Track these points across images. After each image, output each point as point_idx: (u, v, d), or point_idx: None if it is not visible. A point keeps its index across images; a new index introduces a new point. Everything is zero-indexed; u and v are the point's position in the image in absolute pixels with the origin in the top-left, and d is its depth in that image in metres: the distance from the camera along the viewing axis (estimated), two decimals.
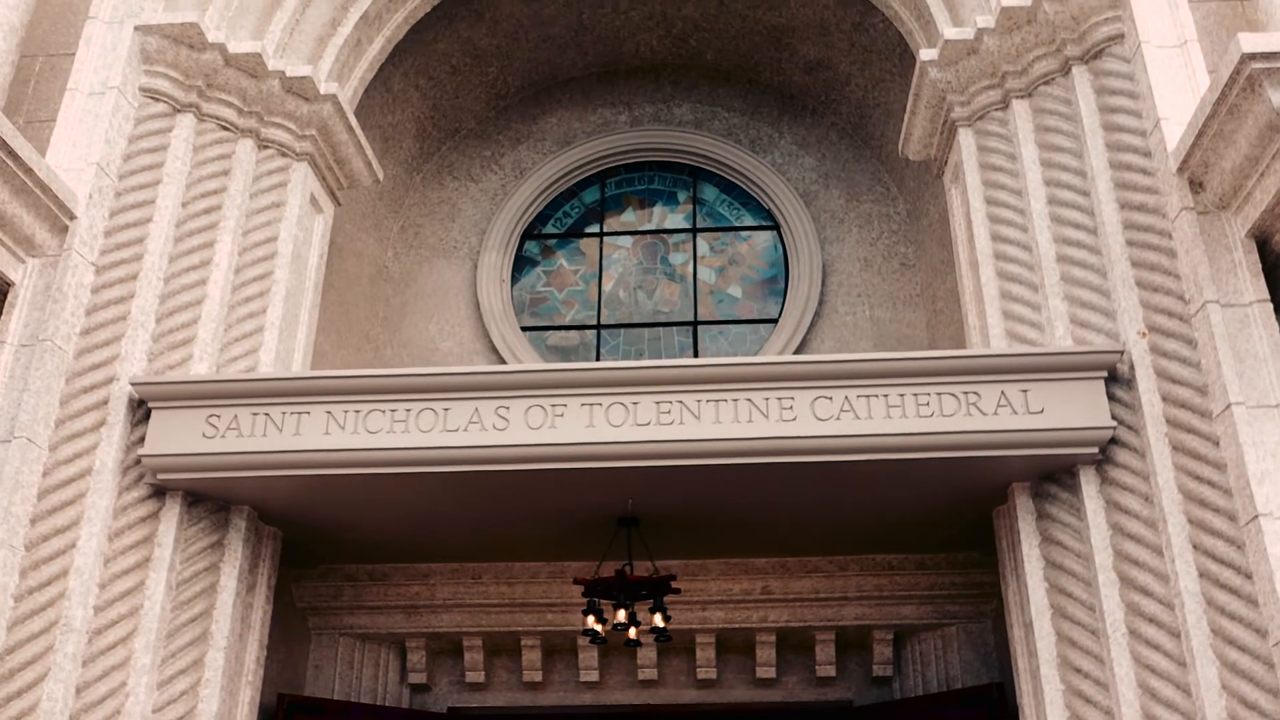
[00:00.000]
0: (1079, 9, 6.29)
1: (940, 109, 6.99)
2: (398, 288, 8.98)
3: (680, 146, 9.29)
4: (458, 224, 9.19)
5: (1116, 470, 5.49)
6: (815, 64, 9.22)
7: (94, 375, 5.85)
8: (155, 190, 6.41)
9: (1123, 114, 6.05)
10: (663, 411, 5.64)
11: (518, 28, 9.22)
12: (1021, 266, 6.21)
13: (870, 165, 9.17)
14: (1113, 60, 6.19)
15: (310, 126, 7.07)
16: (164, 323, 6.20)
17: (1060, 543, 5.57)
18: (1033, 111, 6.50)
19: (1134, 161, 5.91)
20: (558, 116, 9.58)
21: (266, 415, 5.78)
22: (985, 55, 6.61)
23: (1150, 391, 5.47)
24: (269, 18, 7.19)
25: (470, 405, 5.72)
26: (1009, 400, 5.55)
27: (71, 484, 5.61)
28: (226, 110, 6.82)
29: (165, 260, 6.33)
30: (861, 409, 5.57)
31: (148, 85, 6.59)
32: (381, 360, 8.70)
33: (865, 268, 8.75)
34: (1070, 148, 6.26)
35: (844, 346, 8.47)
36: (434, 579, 7.24)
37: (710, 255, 9.01)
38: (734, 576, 7.12)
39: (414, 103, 9.06)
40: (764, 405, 5.61)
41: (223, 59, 6.73)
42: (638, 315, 8.83)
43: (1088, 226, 6.03)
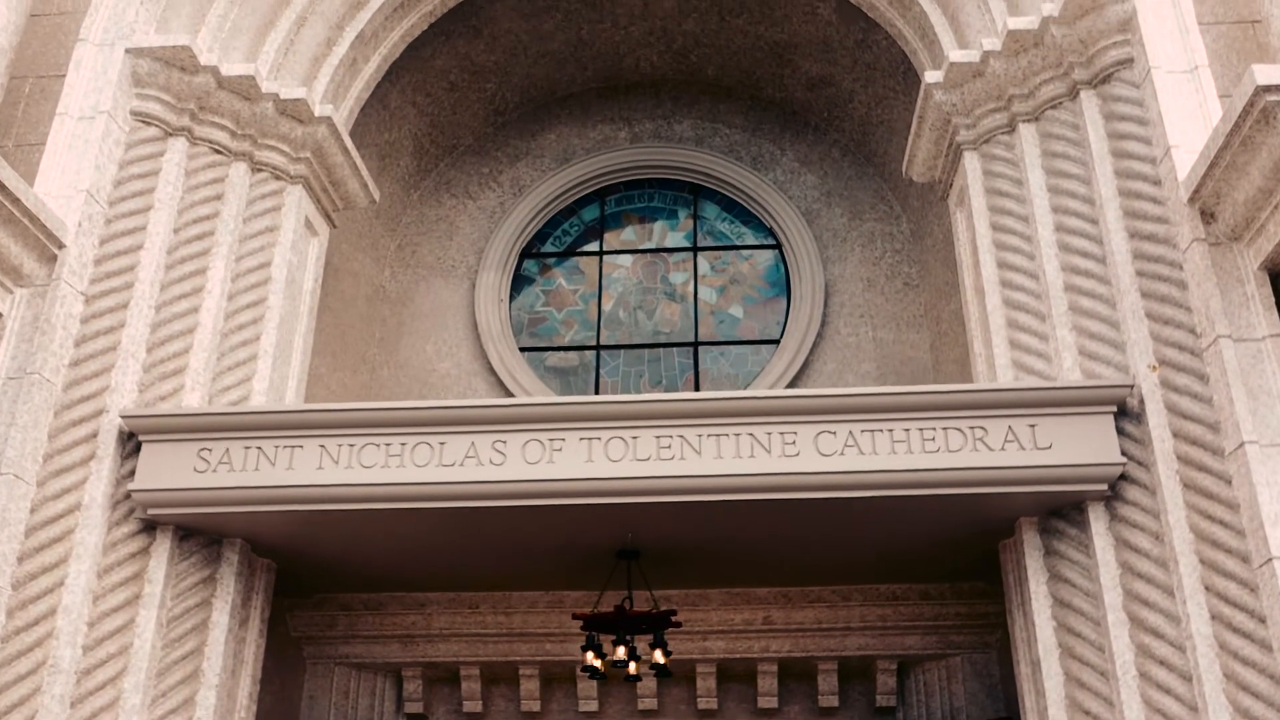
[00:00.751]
0: (1087, 33, 6.17)
1: (945, 131, 6.87)
2: (394, 308, 8.87)
3: (681, 164, 9.18)
4: (455, 242, 9.08)
5: (1126, 507, 5.37)
6: (817, 80, 9.10)
7: (83, 408, 5.74)
8: (146, 216, 6.30)
9: (1132, 140, 5.93)
10: (663, 446, 5.53)
11: (516, 44, 9.10)
12: (1028, 295, 6.10)
13: (873, 183, 9.06)
14: (1122, 85, 6.07)
15: (305, 149, 6.96)
16: (155, 352, 6.09)
17: (1069, 580, 5.46)
18: (1040, 136, 6.39)
19: (1143, 190, 5.80)
20: (557, 133, 9.46)
21: (259, 449, 5.67)
22: (991, 78, 6.50)
23: (1161, 427, 5.35)
24: (263, 38, 7.07)
25: (467, 439, 5.60)
26: (1016, 436, 5.43)
27: (60, 520, 5.51)
28: (219, 133, 6.70)
29: (156, 288, 6.21)
30: (866, 444, 5.46)
31: (139, 109, 6.47)
32: (378, 381, 8.59)
33: (868, 288, 8.64)
34: (1078, 174, 6.14)
35: (846, 368, 8.37)
36: (430, 608, 7.12)
37: (711, 274, 8.90)
38: (735, 606, 7.01)
39: (411, 120, 8.95)
40: (766, 440, 5.50)
41: (215, 81, 6.61)
42: (638, 335, 8.72)
43: (1096, 255, 5.92)
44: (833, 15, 8.59)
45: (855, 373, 8.33)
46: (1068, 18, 6.16)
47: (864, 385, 8.31)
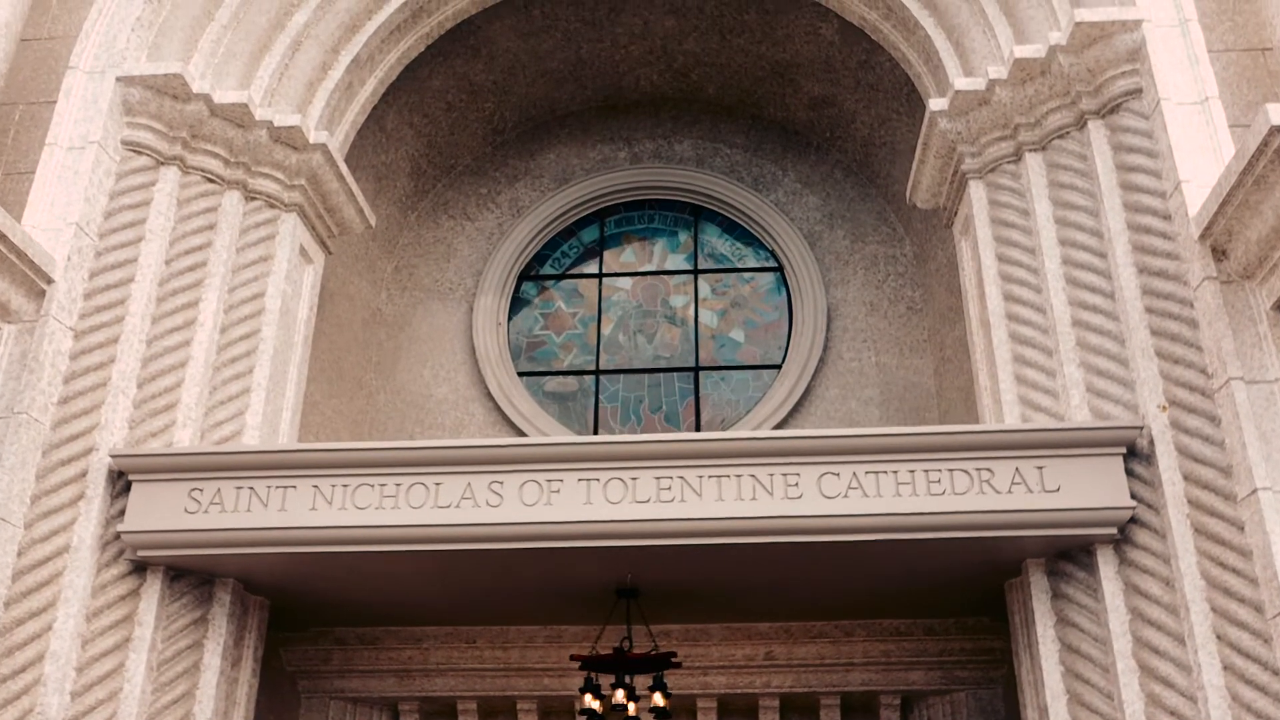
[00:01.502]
0: (1095, 62, 6.06)
1: (950, 159, 6.76)
2: (391, 331, 8.76)
3: (681, 185, 9.07)
4: (453, 264, 8.97)
5: (1136, 552, 5.26)
6: (819, 100, 8.99)
7: (72, 447, 5.63)
8: (137, 248, 6.19)
9: (1141, 173, 5.82)
10: (663, 488, 5.42)
11: (515, 63, 8.99)
12: (1035, 330, 5.99)
13: (876, 205, 8.95)
14: (1130, 116, 5.96)
15: (299, 176, 6.85)
16: (146, 388, 5.98)
17: (1077, 625, 5.35)
18: (1047, 166, 6.27)
19: (1153, 224, 5.69)
20: (556, 152, 9.35)
21: (251, 489, 5.56)
22: (997, 106, 6.39)
23: (1171, 469, 5.24)
24: (257, 63, 6.96)
25: (463, 480, 5.50)
26: (1024, 478, 5.32)
27: (48, 563, 5.40)
28: (212, 161, 6.59)
29: (147, 322, 6.10)
30: (870, 486, 5.35)
31: (130, 138, 6.36)
32: (374, 407, 8.48)
33: (871, 311, 8.53)
34: (1086, 206, 6.03)
35: (849, 394, 8.26)
36: (427, 643, 7.01)
37: (712, 298, 8.79)
38: (736, 642, 6.90)
39: (408, 141, 8.84)
40: (768, 481, 5.39)
41: (208, 109, 6.50)
42: (637, 360, 8.61)
43: (1104, 290, 5.80)
44: (835, 36, 8.48)
45: (858, 398, 8.23)
46: (1075, 46, 6.05)
47: (866, 411, 8.21)
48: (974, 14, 6.81)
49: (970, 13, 6.83)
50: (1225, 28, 6.34)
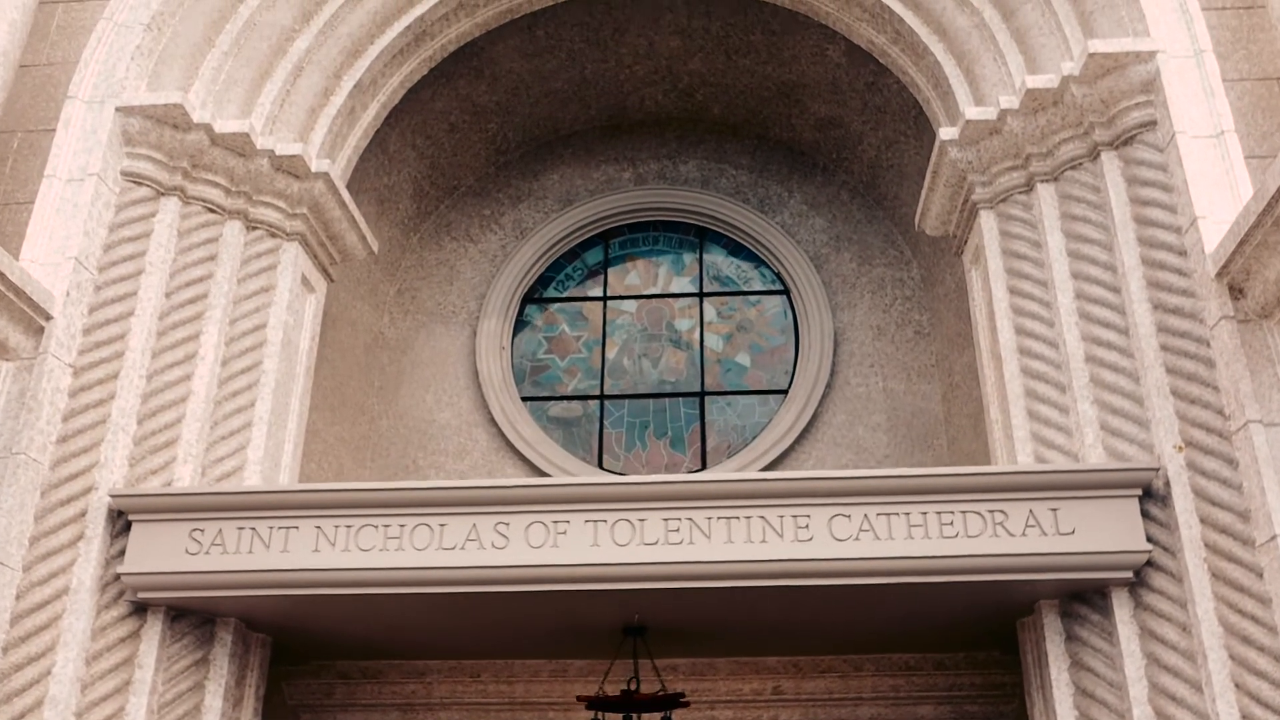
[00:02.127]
0: (1108, 93, 5.98)
1: (960, 188, 6.67)
2: (394, 355, 8.67)
3: (686, 206, 8.98)
4: (456, 287, 8.89)
5: (1152, 595, 5.18)
6: (826, 121, 8.91)
7: (71, 486, 5.55)
8: (137, 281, 6.10)
9: (1156, 208, 5.73)
10: (671, 529, 5.34)
11: (519, 83, 8.91)
12: (1048, 365, 5.90)
13: (883, 227, 8.86)
14: (1144, 149, 5.87)
15: (301, 205, 6.76)
16: (146, 424, 5.89)
17: (1091, 669, 5.27)
18: (1059, 197, 6.19)
19: (1168, 260, 5.60)
20: (560, 173, 9.27)
21: (253, 530, 5.48)
22: (1008, 136, 6.30)
23: (1188, 512, 5.16)
24: (258, 90, 6.87)
25: (468, 521, 5.41)
26: (1038, 520, 5.24)
27: (47, 606, 5.31)
28: (213, 191, 6.50)
29: (148, 356, 6.02)
30: (881, 528, 5.27)
31: (130, 169, 6.28)
32: (377, 433, 8.39)
33: (878, 336, 8.44)
34: (1099, 239, 5.94)
35: (856, 420, 8.17)
36: (430, 677, 6.94)
37: (717, 321, 8.70)
38: (744, 676, 6.83)
39: (411, 163, 8.75)
40: (778, 523, 5.31)
41: (209, 139, 6.41)
42: (642, 384, 8.52)
43: (1118, 326, 5.72)
44: (842, 57, 8.40)
45: (865, 425, 8.14)
46: (1088, 77, 5.97)
47: (874, 437, 8.13)
48: (984, 40, 6.73)
49: (980, 39, 6.75)
50: (1239, 56, 6.26)
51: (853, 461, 8.02)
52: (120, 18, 6.55)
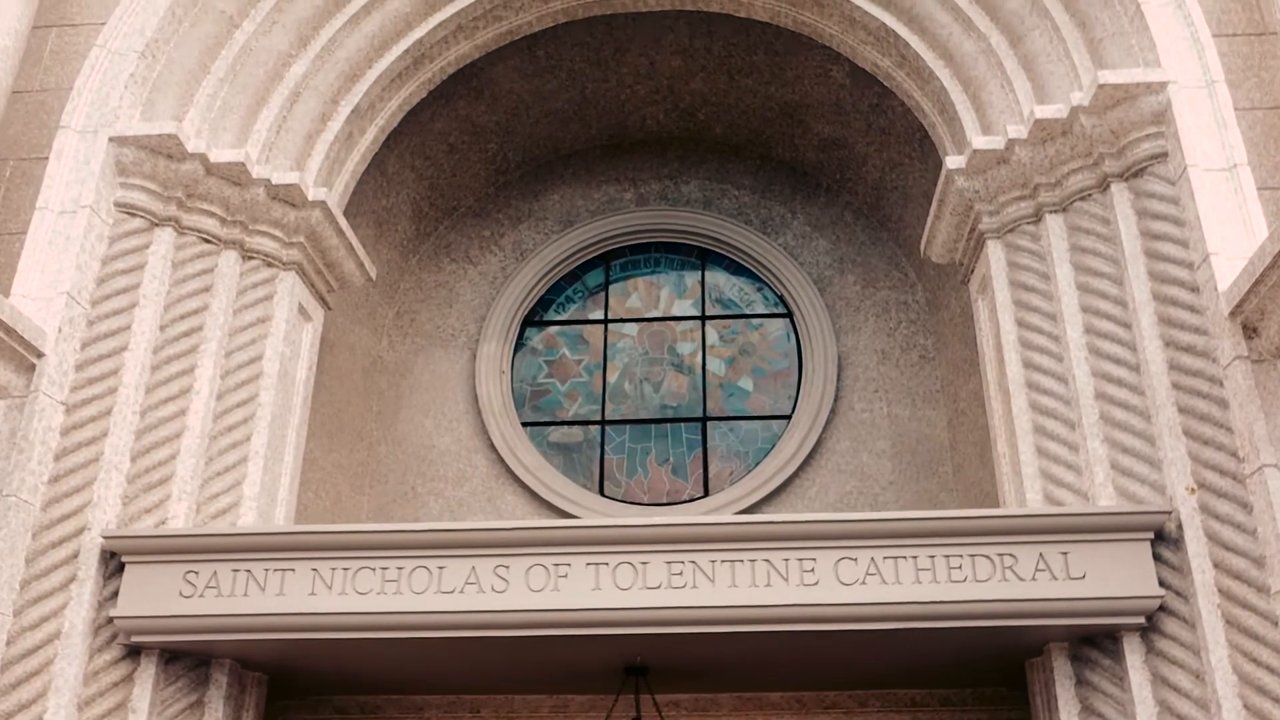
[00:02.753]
0: (1118, 123, 5.87)
1: (967, 217, 6.57)
2: (393, 379, 8.57)
3: (688, 228, 8.88)
4: (455, 310, 8.78)
5: (1164, 641, 5.08)
6: (829, 142, 8.80)
7: (63, 527, 5.45)
8: (131, 315, 6.00)
9: (1167, 242, 5.63)
10: (674, 573, 5.24)
11: (519, 103, 8.81)
12: (1057, 400, 5.80)
13: (887, 249, 8.76)
14: (1155, 181, 5.77)
15: (298, 233, 6.66)
16: (140, 461, 5.79)
17: (1102, 715, 5.16)
18: (1068, 229, 6.09)
19: (1180, 296, 5.50)
20: (560, 193, 9.17)
21: (248, 572, 5.38)
22: (1016, 165, 6.20)
23: (1201, 556, 5.06)
24: (254, 117, 6.77)
25: (467, 563, 5.32)
26: (1048, 564, 5.14)
27: (38, 651, 5.22)
28: (208, 221, 6.40)
29: (141, 392, 5.92)
30: (889, 572, 5.17)
31: (123, 200, 6.17)
32: (375, 459, 8.29)
33: (883, 360, 8.34)
34: (1109, 273, 5.84)
35: (861, 446, 8.07)
36: (429, 712, 6.84)
37: (719, 345, 8.60)
38: (747, 712, 6.72)
39: (410, 184, 8.65)
40: (783, 567, 5.21)
41: (204, 168, 6.31)
42: (644, 409, 8.42)
43: (1129, 363, 5.62)
44: (846, 78, 8.30)
45: (869, 451, 8.04)
46: (1098, 107, 5.87)
47: (878, 464, 8.03)
48: (991, 67, 6.63)
49: (988, 65, 6.65)
50: (1251, 84, 6.16)
51: (857, 489, 7.92)
52: (114, 45, 6.44)
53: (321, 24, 7.06)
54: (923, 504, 7.80)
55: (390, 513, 8.06)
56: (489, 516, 7.99)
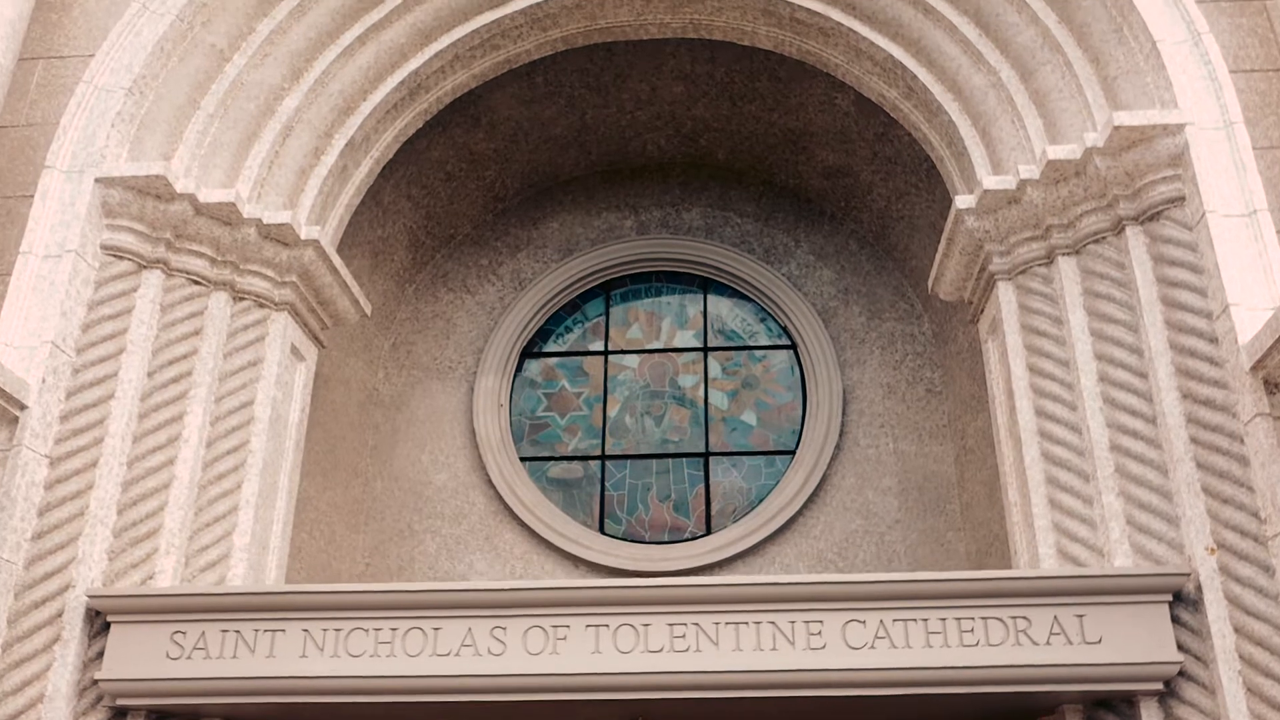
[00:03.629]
0: (1133, 165, 5.71)
1: (976, 256, 6.41)
2: (388, 413, 8.41)
3: (690, 257, 8.72)
4: (453, 341, 8.62)
5: (1183, 708, 4.91)
6: (834, 170, 8.64)
7: (47, 586, 5.29)
8: (118, 361, 5.83)
9: (1184, 290, 5.46)
10: (676, 635, 5.08)
11: (517, 130, 8.65)
12: (1070, 451, 5.63)
13: (893, 279, 8.60)
14: (1172, 225, 5.60)
15: (290, 273, 6.50)
16: (126, 514, 5.62)
17: None
18: (1081, 272, 5.92)
19: (1198, 347, 5.33)
20: (559, 220, 9.00)
21: (237, 633, 5.22)
22: (1028, 206, 6.03)
23: (1220, 620, 4.90)
24: (245, 152, 6.60)
25: (463, 625, 5.15)
26: (1063, 627, 4.98)
27: (21, 717, 5.05)
28: (198, 262, 6.23)
29: (128, 442, 5.75)
30: (899, 635, 5.01)
31: (110, 242, 6.00)
32: (371, 495, 8.13)
33: (888, 394, 8.18)
34: (1124, 320, 5.67)
35: (866, 483, 7.91)
36: None
37: (722, 377, 8.44)
38: None
39: (406, 214, 8.49)
40: (789, 630, 5.05)
41: (193, 209, 6.15)
42: (645, 443, 8.26)
43: (1145, 415, 5.45)
44: (851, 106, 8.13)
45: (875, 488, 7.88)
46: (1113, 149, 5.70)
47: (884, 501, 7.87)
48: (1001, 101, 6.47)
49: (998, 100, 6.48)
50: (1269, 122, 5.99)
51: (862, 528, 7.76)
52: (101, 80, 6.28)
53: (314, 56, 6.90)
54: (929, 543, 7.65)
55: (386, 551, 7.90)
56: (487, 555, 7.83)
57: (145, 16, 6.44)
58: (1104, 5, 6.14)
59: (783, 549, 7.70)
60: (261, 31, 6.73)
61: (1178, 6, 5.98)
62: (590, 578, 7.73)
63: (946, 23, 6.69)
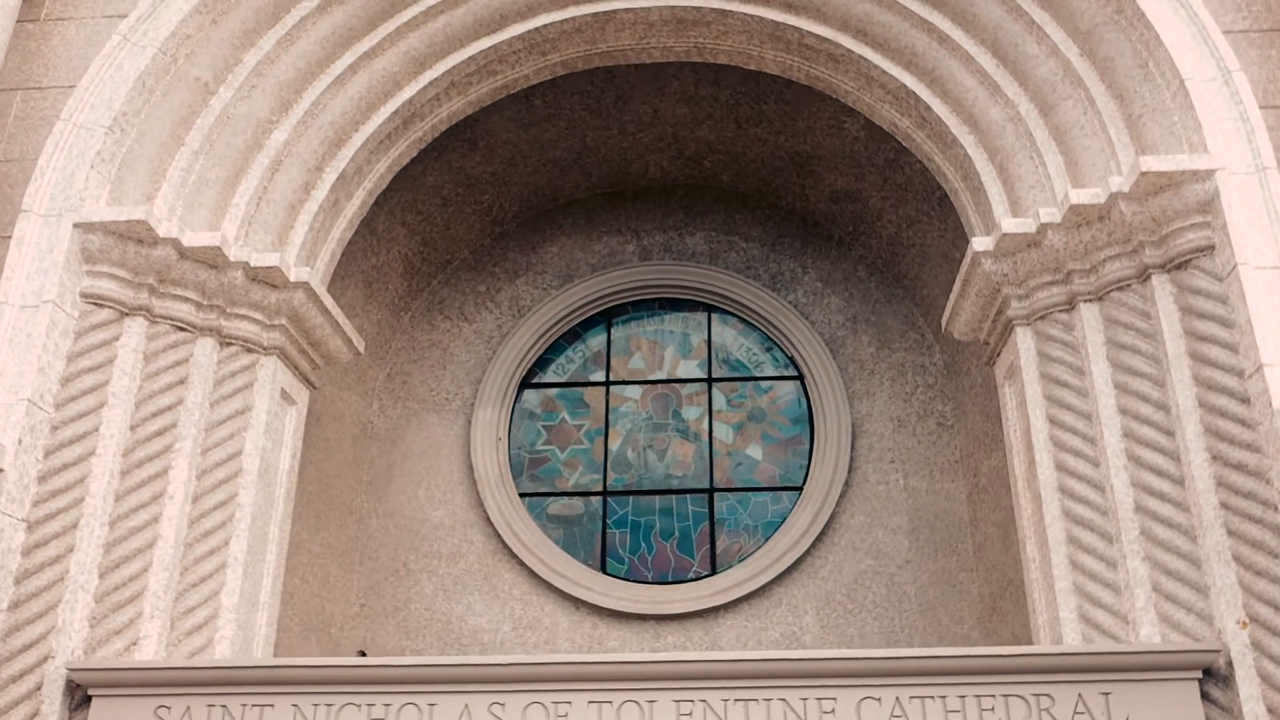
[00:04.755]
0: (1160, 211, 5.45)
1: (993, 299, 6.16)
2: (384, 447, 8.17)
3: (694, 284, 8.47)
4: (449, 371, 8.37)
5: None
6: (843, 194, 8.38)
7: (25, 658, 5.06)
8: (99, 416, 5.59)
9: (1214, 345, 5.21)
10: (683, 713, 4.85)
11: (515, 153, 8.38)
12: (1093, 510, 5.40)
13: (903, 307, 8.35)
14: (1201, 277, 5.35)
15: (280, 315, 6.25)
16: (109, 577, 5.39)
17: None
18: (1104, 321, 5.67)
19: (1229, 408, 5.09)
20: (559, 245, 8.74)
21: (224, 708, 5.00)
22: (1048, 250, 5.78)
23: (1253, 700, 4.68)
24: (232, 189, 6.34)
25: (460, 700, 4.93)
26: (1088, 706, 4.76)
27: None
28: (183, 307, 5.98)
29: (110, 501, 5.51)
30: (915, 713, 4.79)
31: (90, 289, 5.75)
32: (366, 533, 7.90)
33: (898, 428, 7.94)
34: (1150, 373, 5.43)
35: (876, 522, 7.68)
36: None
37: (727, 410, 8.20)
38: None
39: (401, 241, 8.23)
40: (800, 707, 4.83)
41: (177, 252, 5.89)
42: (648, 478, 8.03)
43: (1172, 475, 5.21)
44: (861, 131, 7.87)
45: (885, 527, 7.66)
46: (1139, 194, 5.44)
47: (894, 540, 7.64)
48: (1020, 137, 6.21)
49: (1016, 135, 6.22)
50: None
51: (871, 568, 7.54)
52: (79, 118, 6.01)
53: (304, 87, 6.63)
54: (940, 584, 7.43)
55: (381, 591, 7.68)
56: (485, 596, 7.61)
57: (126, 49, 6.17)
58: (1129, 39, 5.87)
59: (790, 590, 7.48)
60: (248, 63, 6.46)
61: (1206, 42, 5.72)
62: (591, 619, 7.53)
63: (962, 52, 6.42)
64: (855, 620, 7.37)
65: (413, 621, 7.57)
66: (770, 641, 7.21)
